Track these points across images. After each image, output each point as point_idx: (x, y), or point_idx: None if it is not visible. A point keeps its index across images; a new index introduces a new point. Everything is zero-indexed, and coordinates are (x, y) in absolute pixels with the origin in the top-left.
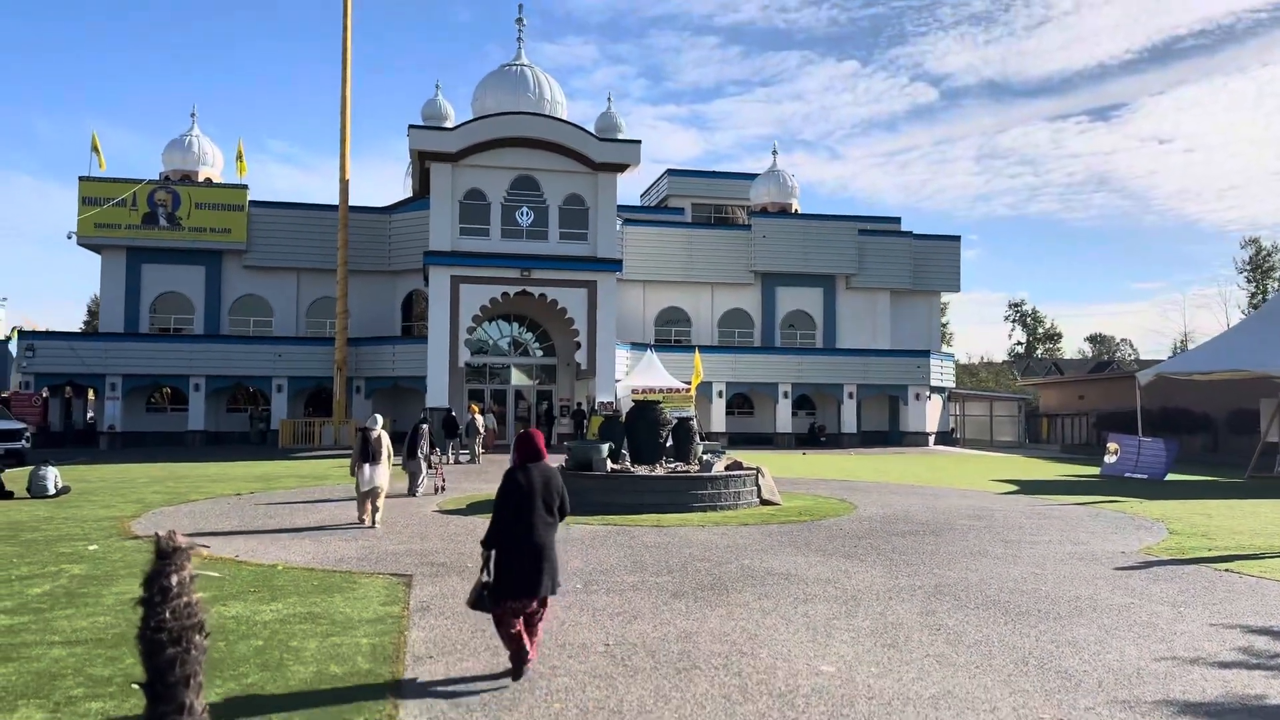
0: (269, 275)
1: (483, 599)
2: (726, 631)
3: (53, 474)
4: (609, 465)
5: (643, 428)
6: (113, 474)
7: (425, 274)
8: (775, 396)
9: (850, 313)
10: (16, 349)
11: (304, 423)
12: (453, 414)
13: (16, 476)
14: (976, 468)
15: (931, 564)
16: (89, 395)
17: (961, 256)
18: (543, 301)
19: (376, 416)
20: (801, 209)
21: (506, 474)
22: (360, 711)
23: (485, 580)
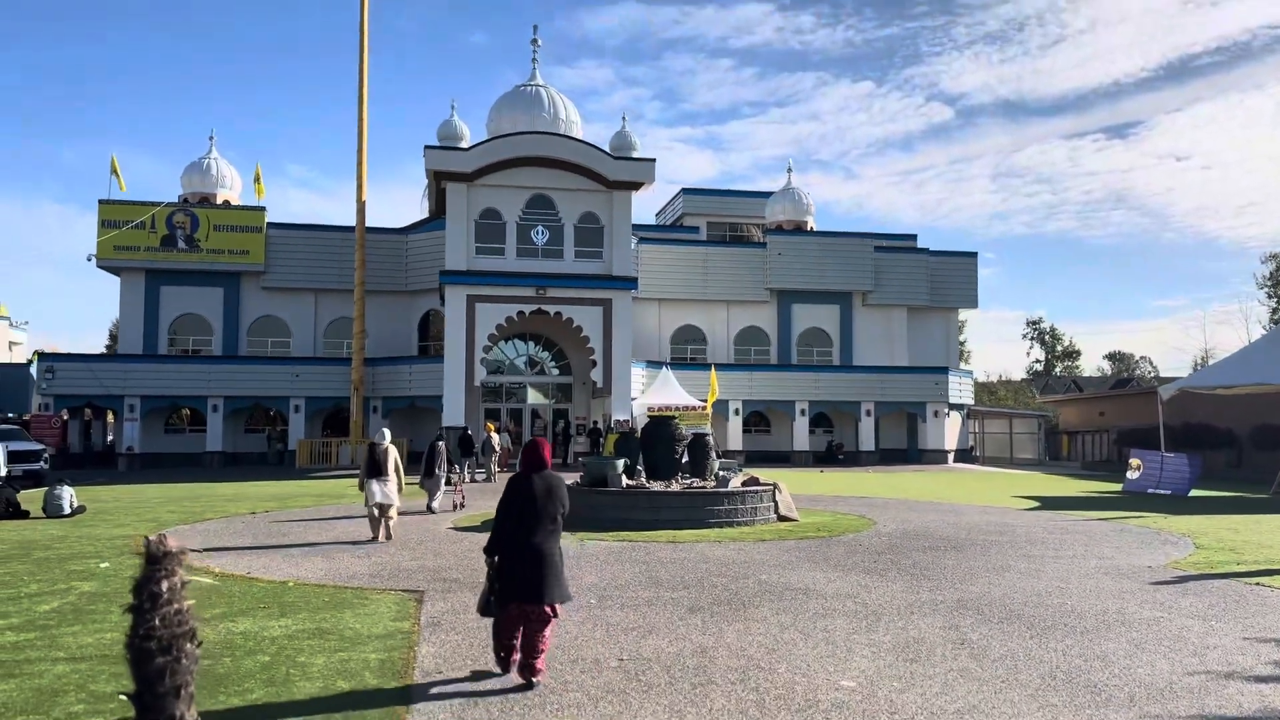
0: (287, 296)
1: (490, 605)
2: (743, 647)
3: (68, 494)
4: (624, 481)
5: (658, 443)
6: (129, 494)
7: (441, 293)
8: (792, 414)
9: (867, 330)
10: (36, 371)
11: (321, 443)
12: (468, 432)
13: (32, 496)
14: (997, 484)
15: (953, 579)
16: (108, 417)
17: (979, 274)
18: (558, 320)
19: (384, 430)
20: (817, 227)
21: (510, 481)
22: None
23: (492, 586)
